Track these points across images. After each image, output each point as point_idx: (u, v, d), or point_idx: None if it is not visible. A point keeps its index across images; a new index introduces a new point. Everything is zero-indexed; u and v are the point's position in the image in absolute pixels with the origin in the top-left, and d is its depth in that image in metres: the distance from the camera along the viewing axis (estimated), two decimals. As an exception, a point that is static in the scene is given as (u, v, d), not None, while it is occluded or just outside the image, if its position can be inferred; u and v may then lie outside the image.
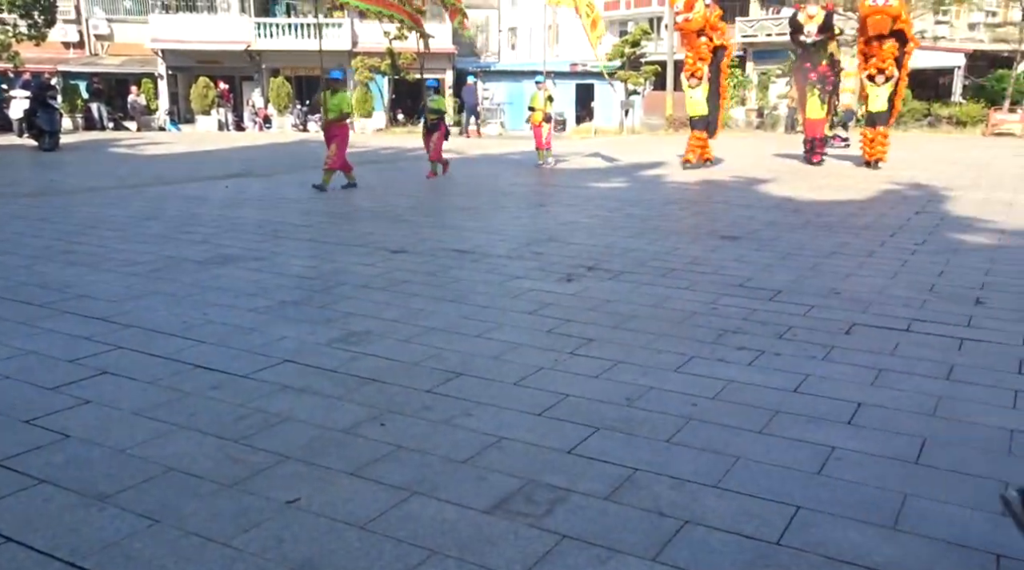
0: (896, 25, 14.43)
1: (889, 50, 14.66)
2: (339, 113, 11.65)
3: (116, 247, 7.27)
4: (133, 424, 3.37)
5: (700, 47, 14.70)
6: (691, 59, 15.02)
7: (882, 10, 14.24)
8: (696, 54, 14.89)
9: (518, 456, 3.10)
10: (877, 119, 15.12)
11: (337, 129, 11.71)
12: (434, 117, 13.59)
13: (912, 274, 6.27)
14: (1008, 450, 3.17)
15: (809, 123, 16.18)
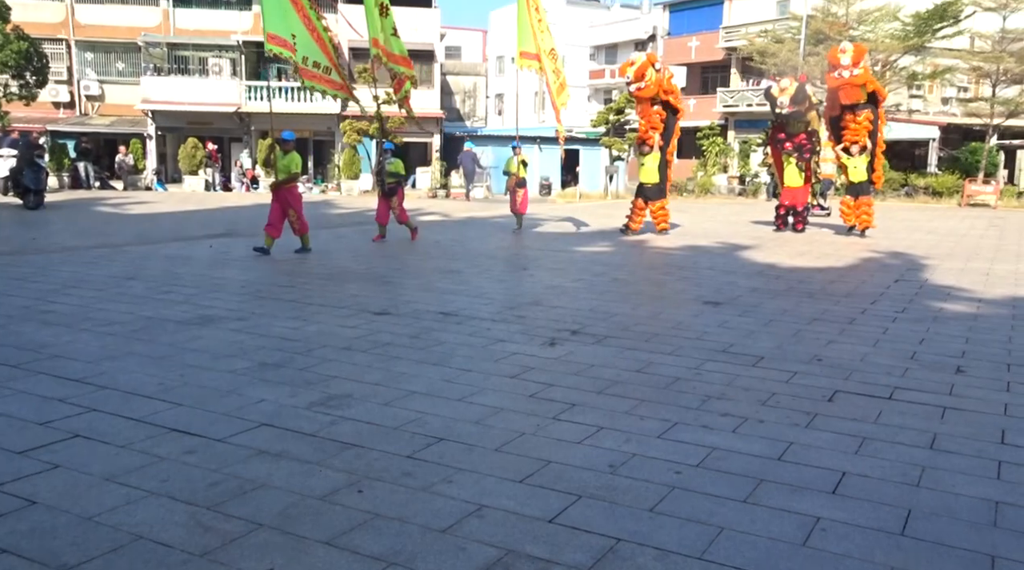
0: (869, 89, 14.73)
1: (864, 120, 14.89)
2: (288, 174, 11.32)
3: (95, 307, 7.20)
4: (103, 490, 3.28)
5: (652, 115, 14.52)
6: (643, 127, 14.83)
7: (849, 82, 14.46)
8: (648, 122, 14.68)
9: (499, 525, 3.04)
10: (860, 190, 15.28)
11: (287, 191, 11.41)
12: (392, 181, 13.32)
13: (893, 342, 6.30)
14: (993, 522, 3.14)
15: (788, 191, 16.30)
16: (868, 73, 14.73)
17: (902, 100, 32.26)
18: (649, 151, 14.71)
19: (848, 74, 14.28)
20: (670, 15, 41.39)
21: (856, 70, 14.35)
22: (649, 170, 14.86)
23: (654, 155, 14.71)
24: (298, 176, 11.51)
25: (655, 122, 14.54)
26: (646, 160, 14.81)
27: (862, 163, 15.04)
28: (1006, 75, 29.63)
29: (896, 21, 28.93)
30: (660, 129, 14.60)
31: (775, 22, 33.77)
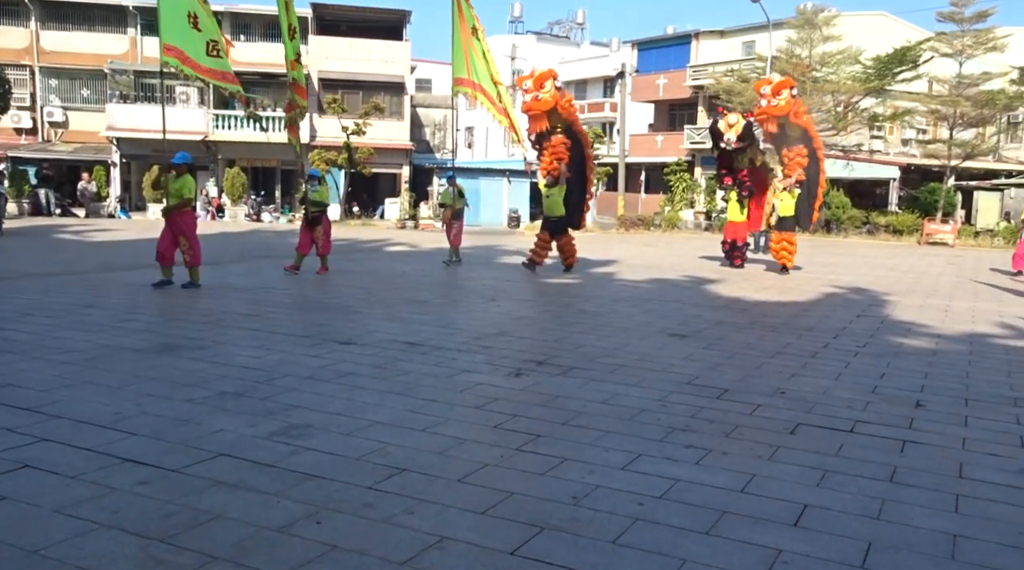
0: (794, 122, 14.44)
1: (796, 156, 14.67)
2: (180, 198, 10.33)
3: (51, 335, 7.04)
4: (51, 522, 3.18)
5: (557, 146, 13.77)
6: (547, 158, 13.98)
7: (766, 111, 14.20)
8: (552, 152, 13.88)
9: (460, 557, 2.99)
10: (783, 225, 15.05)
11: (180, 217, 10.43)
12: (316, 210, 12.89)
13: (855, 376, 6.38)
14: (951, 555, 3.16)
15: (729, 226, 16.28)
16: (791, 106, 14.38)
17: (864, 140, 33.05)
18: (554, 183, 13.94)
19: (766, 103, 14.01)
20: (638, 53, 42.12)
21: (775, 100, 14.09)
22: (554, 203, 14.08)
23: (560, 188, 13.93)
24: (191, 201, 10.64)
25: (560, 152, 13.80)
26: (552, 192, 14.03)
27: (789, 198, 14.85)
28: (962, 118, 30.52)
29: (857, 64, 29.73)
30: (565, 159, 13.83)
31: (741, 62, 34.51)
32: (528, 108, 13.62)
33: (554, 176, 13.82)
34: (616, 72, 36.87)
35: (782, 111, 14.26)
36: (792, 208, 14.86)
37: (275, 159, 33.63)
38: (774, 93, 14.20)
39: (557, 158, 13.81)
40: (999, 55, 29.78)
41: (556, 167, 13.77)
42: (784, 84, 14.42)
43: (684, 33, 41.07)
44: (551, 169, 13.84)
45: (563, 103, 13.59)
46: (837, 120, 29.83)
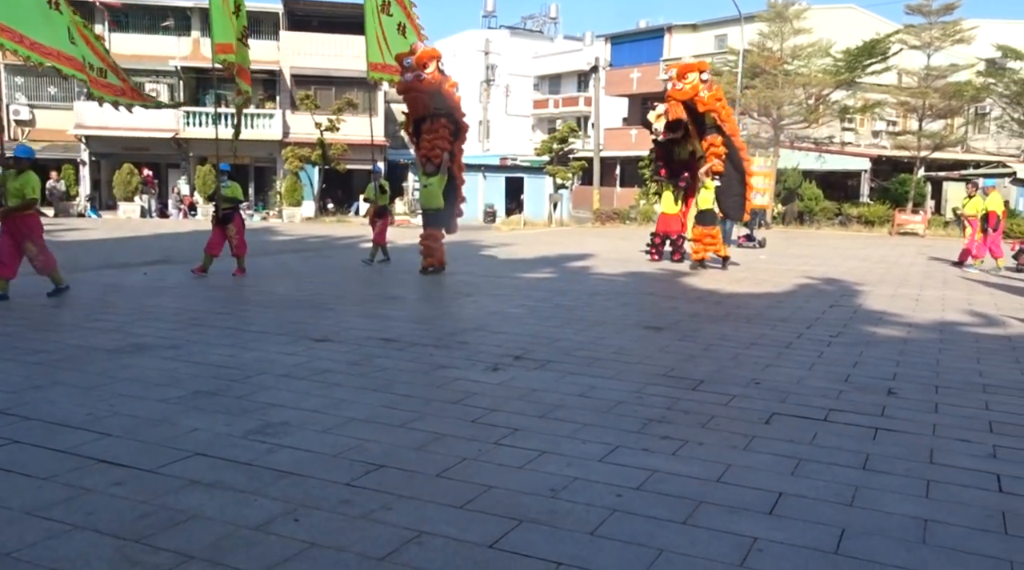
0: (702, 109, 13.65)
1: (710, 144, 13.95)
2: (21, 199, 8.94)
3: (21, 335, 6.94)
4: (23, 525, 3.14)
5: (440, 128, 12.36)
6: (428, 142, 12.47)
7: (671, 95, 13.39)
8: (433, 137, 12.40)
9: (438, 551, 2.99)
10: (703, 218, 14.25)
11: (21, 220, 9.00)
12: (228, 206, 12.13)
13: (828, 365, 6.45)
14: (923, 540, 3.21)
15: (663, 218, 15.65)
16: (698, 91, 13.50)
17: (835, 133, 33.41)
18: (435, 171, 12.51)
19: (671, 87, 13.08)
20: (612, 47, 42.25)
21: (680, 83, 13.39)
22: (433, 194, 12.66)
23: (440, 178, 12.54)
24: (35, 202, 9.18)
25: (443, 137, 12.40)
26: (431, 182, 12.58)
27: (708, 190, 14.13)
28: (931, 110, 30.96)
29: (828, 57, 30.03)
30: (448, 147, 12.53)
31: (713, 55, 34.71)
32: (408, 88, 12.31)
33: (435, 163, 12.48)
34: (590, 66, 36.92)
35: (686, 95, 13.65)
36: (711, 200, 14.18)
37: (247, 156, 33.31)
38: (679, 76, 13.65)
39: (438, 145, 12.43)
40: (966, 47, 30.24)
41: (437, 154, 12.43)
42: (690, 67, 13.85)
43: (657, 27, 41.28)
44: (432, 155, 12.45)
45: (446, 87, 12.43)
46: (809, 113, 30.13)
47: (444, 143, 12.36)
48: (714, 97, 13.87)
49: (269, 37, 33.60)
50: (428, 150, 12.46)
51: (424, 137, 12.56)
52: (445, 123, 12.43)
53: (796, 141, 31.91)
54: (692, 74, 13.61)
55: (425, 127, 12.52)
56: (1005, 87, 29.75)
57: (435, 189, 12.53)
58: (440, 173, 12.47)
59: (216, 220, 12.14)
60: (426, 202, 12.86)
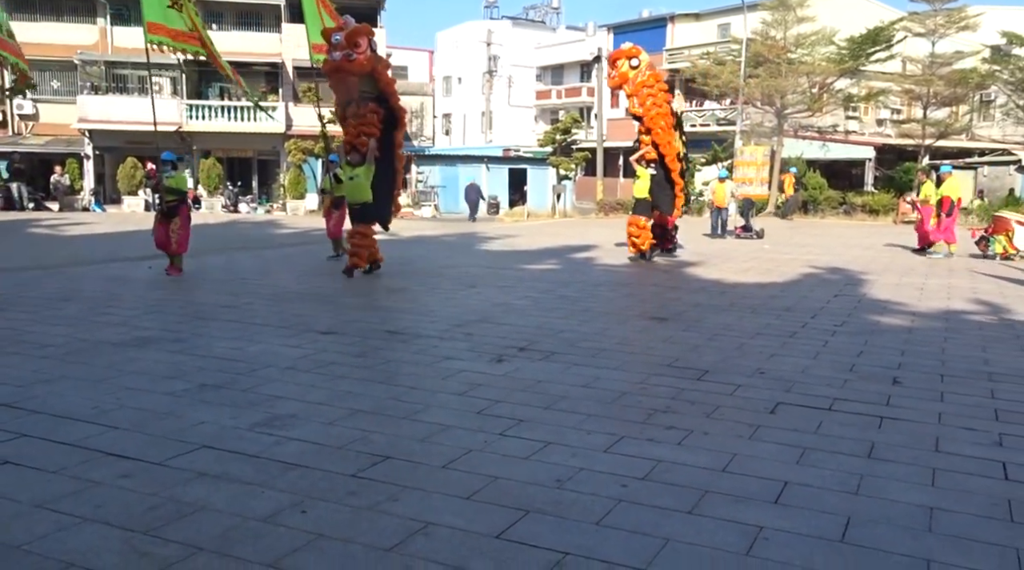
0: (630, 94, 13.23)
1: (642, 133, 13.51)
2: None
3: (27, 329, 6.96)
4: (33, 518, 3.16)
5: (368, 114, 11.11)
6: (353, 130, 11.24)
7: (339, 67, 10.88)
8: (360, 123, 11.15)
9: (445, 542, 3.01)
10: (636, 207, 13.75)
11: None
12: (173, 199, 11.13)
13: (833, 354, 6.45)
14: (929, 528, 3.22)
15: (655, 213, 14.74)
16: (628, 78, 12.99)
17: (839, 121, 33.29)
18: (361, 162, 11.17)
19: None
20: (614, 37, 42.06)
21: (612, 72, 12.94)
22: (359, 186, 11.24)
23: (367, 168, 11.18)
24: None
25: (371, 123, 11.17)
26: (358, 173, 11.21)
27: (642, 179, 13.61)
28: (936, 98, 30.80)
29: (832, 45, 29.87)
30: (376, 133, 11.25)
31: (716, 45, 34.60)
32: (335, 68, 10.80)
33: (361, 152, 11.18)
34: (592, 56, 36.82)
35: (614, 84, 13.44)
36: (645, 189, 13.62)
37: (251, 149, 33.34)
38: (611, 65, 13.36)
39: (366, 131, 11.19)
40: (971, 34, 30.05)
41: (364, 142, 11.17)
42: (620, 54, 13.29)
43: (659, 16, 41.11)
44: (358, 143, 11.19)
45: (379, 68, 11.25)
46: (812, 101, 30.00)
47: (371, 130, 11.18)
48: (642, 84, 13.29)
49: (271, 29, 33.53)
50: (353, 137, 11.27)
51: (349, 123, 11.33)
52: (374, 108, 11.23)
53: (800, 130, 31.80)
54: (622, 61, 13.17)
55: (351, 112, 11.28)
56: (1010, 74, 29.56)
57: (362, 181, 11.23)
58: (367, 163, 11.18)
59: (161, 214, 11.15)
60: (353, 196, 11.46)
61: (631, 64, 13.16)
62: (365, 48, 10.68)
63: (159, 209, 11.26)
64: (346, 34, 10.63)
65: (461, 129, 50.88)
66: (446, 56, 53.11)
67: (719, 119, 34.62)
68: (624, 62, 13.20)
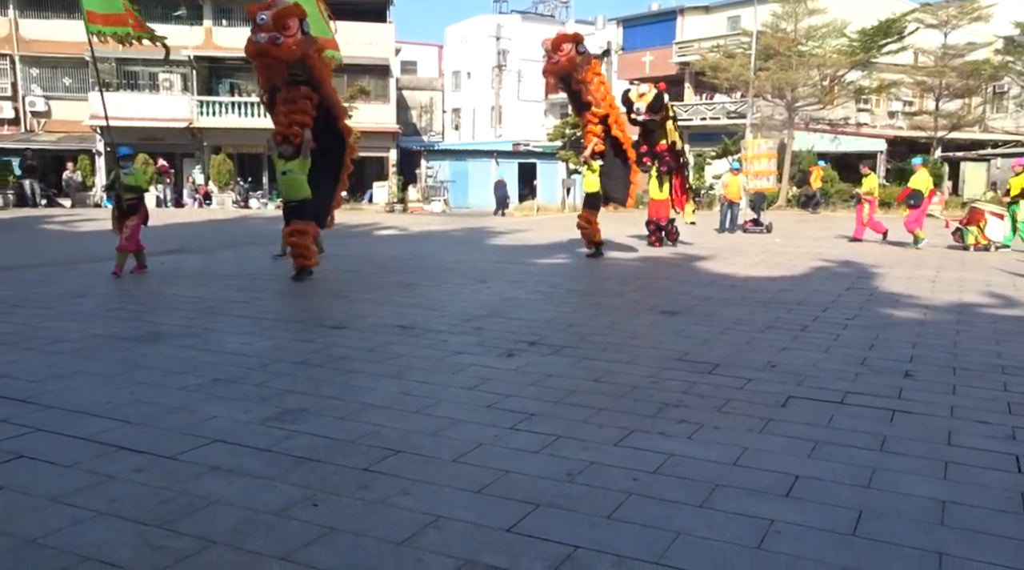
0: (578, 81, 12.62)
1: (589, 122, 13.11)
2: None
3: (41, 325, 7.02)
4: (48, 511, 3.19)
5: (300, 100, 10.05)
6: (283, 118, 10.07)
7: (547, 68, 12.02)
8: (290, 110, 10.03)
9: (456, 535, 3.02)
10: (587, 202, 13.51)
11: None
12: (132, 197, 10.57)
13: (844, 348, 6.42)
14: (941, 521, 3.21)
15: (652, 204, 15.26)
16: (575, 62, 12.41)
17: (850, 114, 33.10)
18: (294, 154, 9.96)
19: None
20: (624, 31, 41.94)
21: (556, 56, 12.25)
22: (295, 182, 10.09)
23: (302, 162, 10.01)
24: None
25: (302, 110, 10.02)
26: (292, 167, 10.02)
27: (592, 173, 13.17)
28: (948, 89, 30.60)
29: (843, 37, 29.71)
30: (310, 123, 10.10)
31: (726, 37, 34.43)
32: (259, 52, 9.60)
33: (294, 144, 9.96)
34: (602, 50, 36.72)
35: (562, 69, 12.51)
36: (596, 184, 13.21)
37: (261, 145, 33.34)
38: (554, 49, 12.49)
39: (298, 120, 10.02)
40: (984, 25, 29.82)
41: (297, 132, 9.96)
42: (565, 38, 12.61)
43: (669, 9, 40.92)
44: (290, 133, 9.99)
45: (311, 54, 9.99)
46: (823, 94, 29.85)
47: (304, 118, 10.00)
48: (594, 71, 12.97)
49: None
50: (285, 127, 10.01)
51: (279, 110, 10.14)
52: (306, 93, 10.05)
53: (811, 123, 31.64)
54: (567, 45, 12.44)
55: (281, 97, 10.12)
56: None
57: (297, 176, 10.06)
58: (302, 156, 9.97)
59: (119, 213, 10.54)
60: (288, 192, 10.29)
61: (578, 49, 12.47)
62: (295, 31, 9.56)
63: (118, 208, 10.60)
64: (273, 14, 9.51)
65: (471, 124, 50.81)
66: (455, 51, 53.05)
67: (729, 112, 34.46)
68: (570, 46, 12.44)
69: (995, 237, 15.04)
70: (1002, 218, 15.10)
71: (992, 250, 14.86)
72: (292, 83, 10.04)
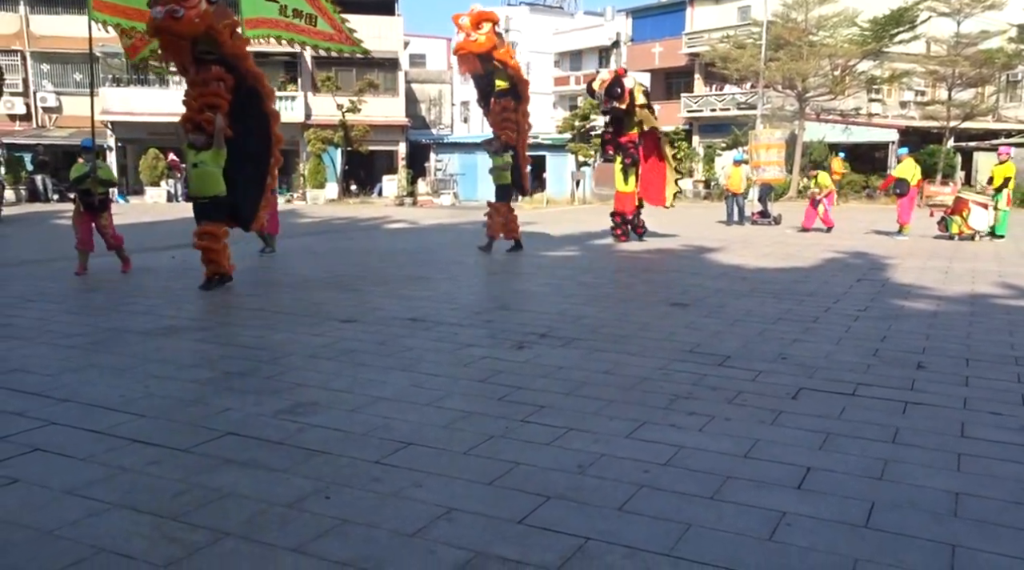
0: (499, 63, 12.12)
1: (503, 109, 12.61)
2: None
3: (54, 319, 7.07)
4: (63, 504, 3.22)
5: (210, 83, 8.74)
6: (194, 102, 8.83)
7: (464, 46, 11.43)
8: (201, 94, 8.75)
9: (468, 527, 3.03)
10: (499, 194, 12.96)
11: None
12: (104, 191, 10.11)
13: (856, 339, 6.40)
14: (954, 513, 3.20)
15: (617, 197, 14.63)
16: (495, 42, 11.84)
17: (862, 104, 32.88)
18: (207, 145, 8.69)
19: (463, 37, 10.79)
20: (633, 22, 41.77)
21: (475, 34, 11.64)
22: (207, 175, 8.74)
23: (216, 152, 8.69)
24: None
25: (215, 93, 8.74)
26: (203, 159, 8.71)
27: (504, 162, 12.78)
28: (961, 78, 30.34)
29: (854, 26, 29.49)
30: (224, 106, 8.77)
31: (736, 28, 34.24)
32: (157, 28, 8.40)
33: (206, 132, 8.70)
34: (611, 42, 36.64)
35: (482, 47, 11.81)
36: (508, 176, 12.77)
37: (271, 139, 33.41)
38: (473, 26, 11.70)
39: (210, 103, 8.77)
40: (997, 13, 29.54)
41: (208, 118, 8.70)
42: (484, 16, 11.92)
43: (678, 0, 40.67)
44: (201, 120, 8.73)
45: (217, 27, 8.62)
46: (834, 84, 29.66)
47: (216, 100, 8.74)
48: (508, 53, 12.43)
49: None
50: (195, 113, 8.80)
51: (188, 94, 8.95)
52: (218, 74, 8.75)
53: (822, 113, 31.46)
54: (487, 24, 11.80)
55: (189, 79, 8.93)
56: (1038, 54, 29.08)
57: (210, 168, 8.72)
58: (215, 146, 8.68)
59: (87, 209, 10.00)
60: (199, 187, 8.86)
61: (496, 30, 11.95)
62: (196, 2, 8.38)
63: (84, 204, 9.99)
64: None
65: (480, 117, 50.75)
66: (464, 43, 52.88)
67: (739, 103, 34.30)
68: (488, 25, 11.81)
69: (979, 226, 15.02)
70: (986, 208, 15.06)
71: (976, 240, 14.84)
72: (202, 62, 8.76)
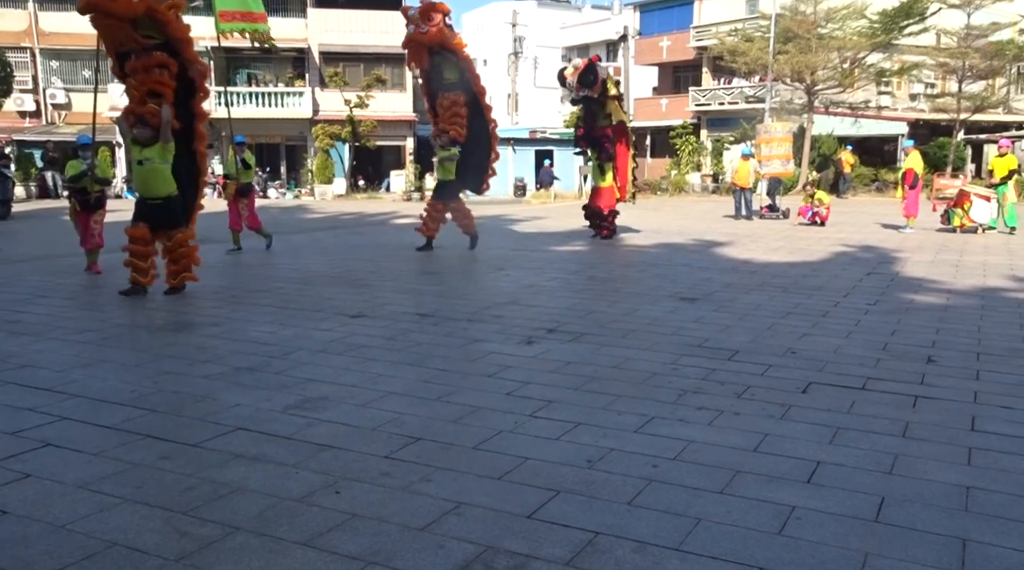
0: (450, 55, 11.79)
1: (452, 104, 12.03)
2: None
3: (65, 315, 7.10)
4: (76, 498, 3.24)
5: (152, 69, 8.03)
6: (136, 91, 8.07)
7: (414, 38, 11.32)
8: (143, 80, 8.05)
9: (477, 522, 3.04)
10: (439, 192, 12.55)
11: None
12: (99, 189, 9.96)
13: (866, 333, 6.38)
14: (964, 507, 3.19)
15: (594, 193, 14.24)
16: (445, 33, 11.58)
17: (871, 97, 32.68)
18: (153, 139, 7.98)
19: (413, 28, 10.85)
20: (641, 15, 41.60)
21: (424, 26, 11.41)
22: (154, 174, 8.08)
23: (163, 147, 8.02)
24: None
25: (161, 80, 8.04)
26: (150, 154, 8.00)
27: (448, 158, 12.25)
28: (971, 71, 30.13)
29: (863, 19, 29.29)
30: (170, 95, 8.10)
31: (744, 21, 34.06)
32: (93, 6, 7.65)
33: (153, 124, 7.95)
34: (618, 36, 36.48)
35: (432, 39, 11.49)
36: (453, 171, 12.18)
37: (279, 135, 33.54)
38: (423, 17, 11.46)
39: (152, 90, 8.05)
40: (1008, 4, 29.31)
41: (153, 109, 7.96)
42: (434, 7, 11.61)
43: (687, -7, 40.49)
44: (145, 112, 7.96)
45: (158, 8, 7.86)
46: (844, 77, 29.47)
47: (162, 89, 8.04)
48: (459, 44, 12.07)
49: (297, 15, 33.61)
50: (138, 104, 8.01)
51: (130, 83, 8.16)
52: (161, 59, 8.01)
53: (831, 106, 31.29)
54: (437, 15, 11.50)
55: (130, 66, 8.11)
56: (1049, 46, 28.85)
57: (157, 165, 8.04)
58: (162, 139, 7.99)
59: (84, 207, 9.85)
60: (147, 187, 8.16)
61: (446, 22, 11.61)
62: None
63: (80, 202, 9.83)
64: None
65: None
66: (471, 38, 52.55)
67: (748, 97, 34.15)
68: (438, 16, 11.53)
69: (980, 219, 14.99)
70: (988, 200, 15.01)
71: (979, 233, 14.80)
72: (144, 47, 8.00)
